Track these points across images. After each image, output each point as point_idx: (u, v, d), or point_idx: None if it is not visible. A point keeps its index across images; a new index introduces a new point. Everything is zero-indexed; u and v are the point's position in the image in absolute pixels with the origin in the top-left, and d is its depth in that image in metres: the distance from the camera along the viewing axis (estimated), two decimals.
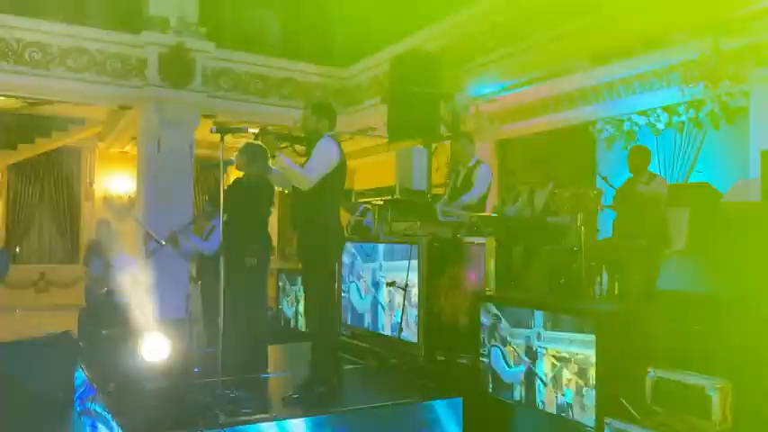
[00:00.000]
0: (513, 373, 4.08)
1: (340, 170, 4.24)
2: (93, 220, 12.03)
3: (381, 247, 5.26)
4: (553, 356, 3.78)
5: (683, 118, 8.21)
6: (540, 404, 3.85)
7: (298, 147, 4.28)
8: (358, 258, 5.55)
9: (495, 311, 4.23)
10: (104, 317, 5.56)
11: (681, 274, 5.26)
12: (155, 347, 4.02)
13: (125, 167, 12.68)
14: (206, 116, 9.69)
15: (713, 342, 3.76)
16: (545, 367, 3.83)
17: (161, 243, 5.41)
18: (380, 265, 5.24)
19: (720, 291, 4.74)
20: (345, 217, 6.14)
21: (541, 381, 3.85)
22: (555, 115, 9.75)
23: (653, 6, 6.03)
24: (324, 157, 4.14)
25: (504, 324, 4.16)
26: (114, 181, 12.90)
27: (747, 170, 7.04)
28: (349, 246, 5.48)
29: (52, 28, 8.48)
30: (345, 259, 5.58)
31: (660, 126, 8.49)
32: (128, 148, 12.53)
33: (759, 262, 4.46)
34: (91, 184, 12.66)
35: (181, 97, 9.02)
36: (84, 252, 6.83)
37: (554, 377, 3.76)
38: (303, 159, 4.29)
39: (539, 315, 3.94)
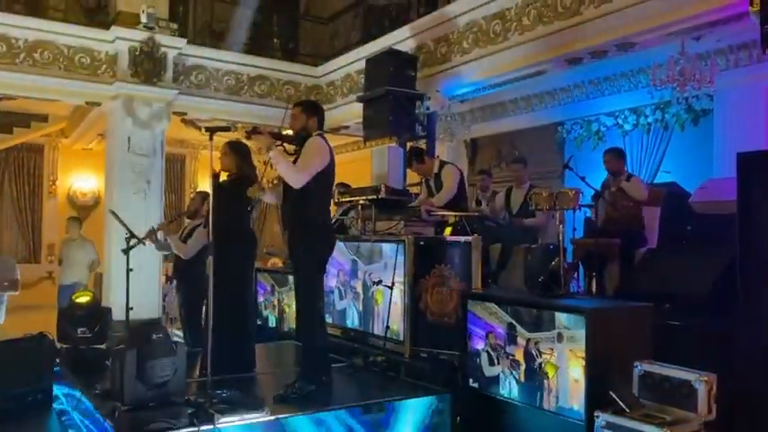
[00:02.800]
0: (500, 369, 4.17)
1: (330, 169, 4.28)
2: (56, 219, 11.76)
3: (367, 246, 5.29)
4: (541, 351, 3.87)
5: (650, 119, 8.45)
6: (529, 399, 3.94)
7: (287, 146, 4.29)
8: (344, 257, 5.57)
9: (483, 308, 4.31)
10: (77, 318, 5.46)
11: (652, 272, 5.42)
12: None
13: (89, 165, 12.42)
14: (177, 113, 9.57)
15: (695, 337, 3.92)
16: (533, 362, 3.92)
17: (141, 240, 5.34)
18: (366, 264, 5.28)
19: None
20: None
21: (529, 376, 3.94)
22: (525, 115, 9.93)
23: (624, 10, 6.20)
24: (315, 156, 4.18)
25: (491, 321, 4.25)
26: (78, 179, 12.62)
27: (711, 170, 7.29)
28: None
29: (19, 21, 8.23)
30: (332, 258, 5.60)
31: (627, 127, 8.72)
32: (92, 145, 12.27)
33: None
34: (54, 182, 12.37)
35: (151, 94, 8.87)
36: None
37: (543, 372, 3.86)
38: (291, 159, 4.31)
39: (525, 311, 4.04)
